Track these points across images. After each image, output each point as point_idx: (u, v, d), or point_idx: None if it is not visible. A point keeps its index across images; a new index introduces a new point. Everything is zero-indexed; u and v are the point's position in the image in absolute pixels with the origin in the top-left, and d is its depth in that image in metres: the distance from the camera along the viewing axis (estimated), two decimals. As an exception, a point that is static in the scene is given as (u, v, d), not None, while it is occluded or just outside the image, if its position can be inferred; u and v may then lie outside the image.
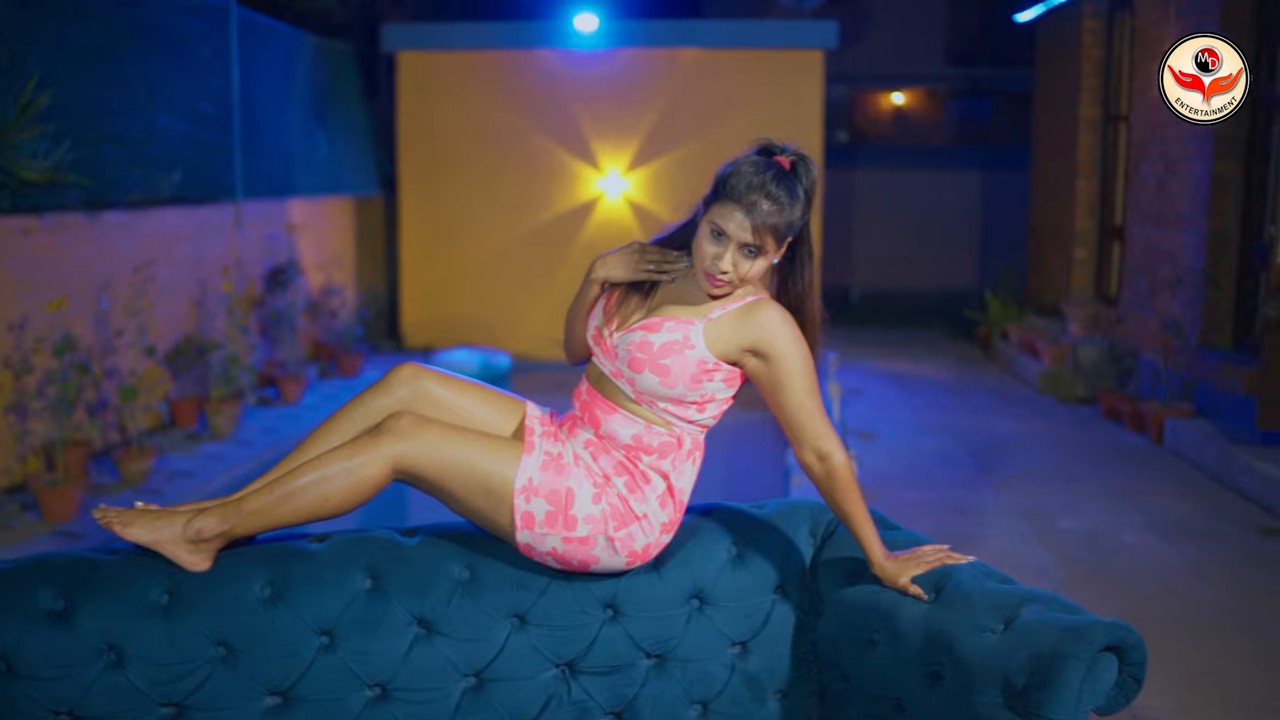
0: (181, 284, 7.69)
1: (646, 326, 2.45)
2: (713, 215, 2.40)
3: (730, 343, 2.43)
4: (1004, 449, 7.40)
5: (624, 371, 2.46)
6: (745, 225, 2.37)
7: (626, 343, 2.45)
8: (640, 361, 2.42)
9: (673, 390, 2.43)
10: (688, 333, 2.43)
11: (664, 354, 2.42)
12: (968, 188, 15.46)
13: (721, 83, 10.72)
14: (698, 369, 2.42)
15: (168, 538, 2.32)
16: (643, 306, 2.51)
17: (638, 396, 2.46)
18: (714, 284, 2.43)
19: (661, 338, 2.43)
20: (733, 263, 2.39)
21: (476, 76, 10.91)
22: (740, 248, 2.39)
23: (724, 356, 2.44)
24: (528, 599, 2.46)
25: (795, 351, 2.41)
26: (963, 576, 2.36)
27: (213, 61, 8.40)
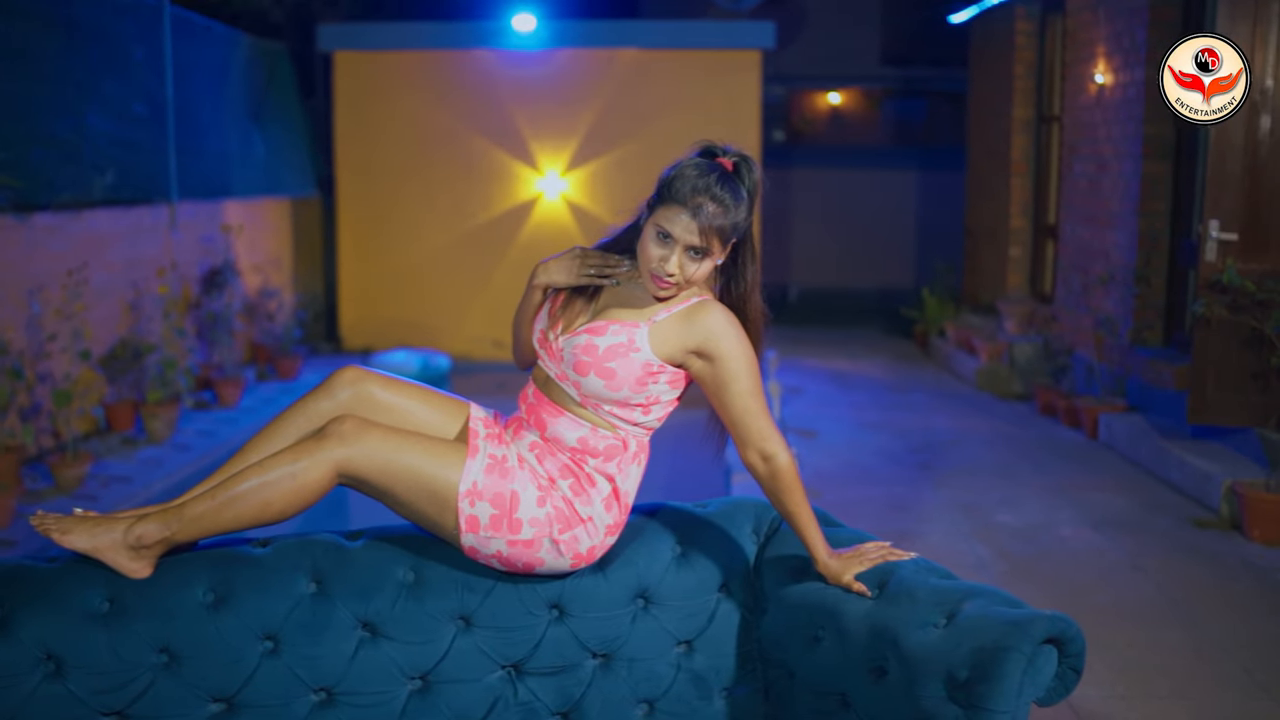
0: (116, 286, 7.58)
1: (591, 330, 2.46)
2: (658, 218, 2.42)
3: (675, 345, 2.44)
4: (942, 445, 7.48)
5: (569, 374, 2.46)
6: (691, 228, 2.39)
7: (572, 346, 2.46)
8: (585, 365, 2.43)
9: (618, 393, 2.44)
10: (633, 335, 2.44)
11: (609, 357, 2.42)
12: (904, 187, 15.62)
13: (659, 83, 10.75)
14: (643, 371, 2.44)
15: (108, 544, 2.29)
16: (587, 310, 2.52)
17: (583, 399, 2.47)
18: (660, 286, 2.44)
19: (606, 340, 2.44)
20: (679, 265, 2.41)
21: (414, 77, 10.86)
22: (686, 250, 2.41)
23: (669, 359, 2.45)
24: (473, 601, 2.46)
25: (739, 353, 2.43)
26: (905, 573, 2.39)
27: (146, 61, 8.28)
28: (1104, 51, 8.20)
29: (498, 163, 10.96)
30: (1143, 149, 7.61)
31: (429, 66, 10.85)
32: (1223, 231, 6.02)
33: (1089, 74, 8.48)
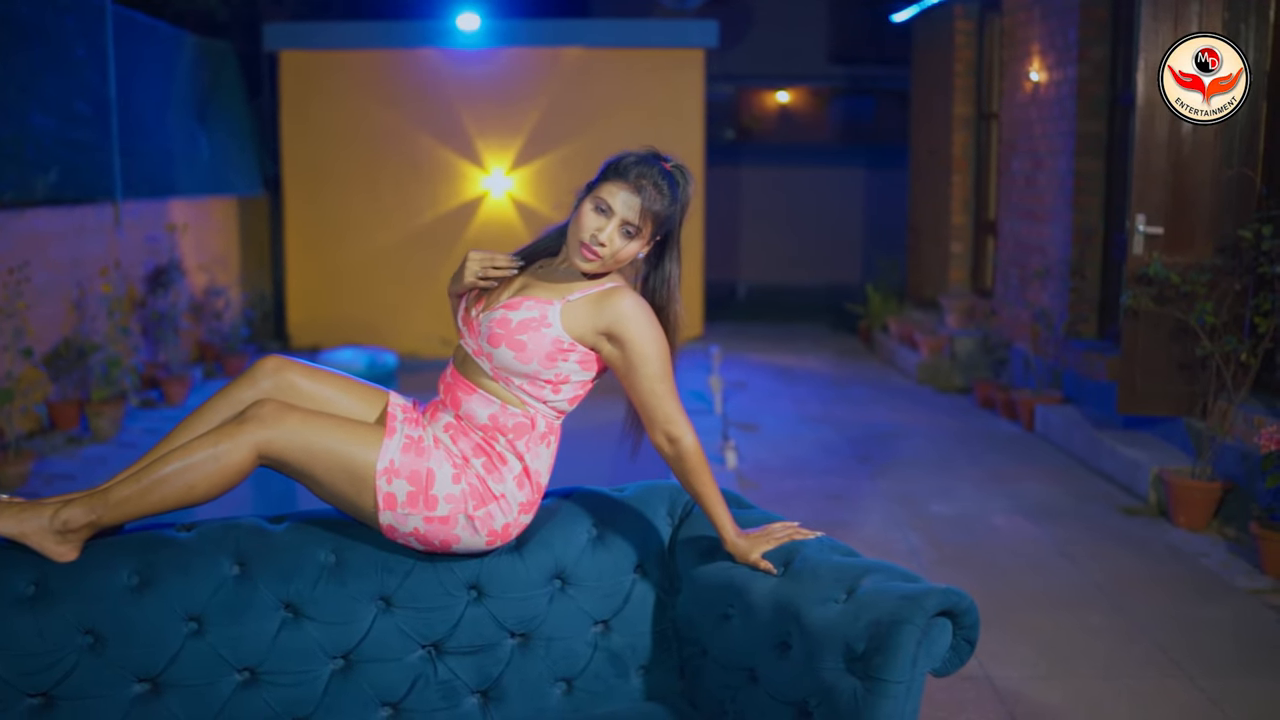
0: (59, 285, 7.57)
1: (508, 305, 2.56)
2: (599, 192, 2.54)
3: (586, 325, 2.53)
4: (882, 438, 7.61)
5: (484, 348, 2.55)
6: (632, 204, 2.51)
7: (489, 320, 2.55)
8: (498, 337, 2.52)
9: (527, 366, 2.52)
10: (545, 312, 2.53)
11: (521, 330, 2.51)
12: (852, 185, 15.78)
13: (604, 81, 10.84)
14: (553, 347, 2.52)
15: (34, 529, 2.35)
16: (509, 288, 2.60)
17: (494, 373, 2.55)
18: (588, 256, 2.53)
19: (520, 315, 2.53)
20: (611, 237, 2.51)
21: (359, 76, 10.88)
22: (622, 225, 2.52)
23: (580, 339, 2.54)
24: (393, 582, 2.53)
25: (648, 337, 2.52)
26: (810, 551, 2.49)
27: (89, 60, 8.27)
28: (1038, 50, 8.37)
29: (444, 161, 11.00)
30: (1075, 145, 7.78)
31: (375, 66, 10.88)
32: (1149, 225, 6.18)
33: (1024, 72, 8.65)
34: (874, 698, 2.18)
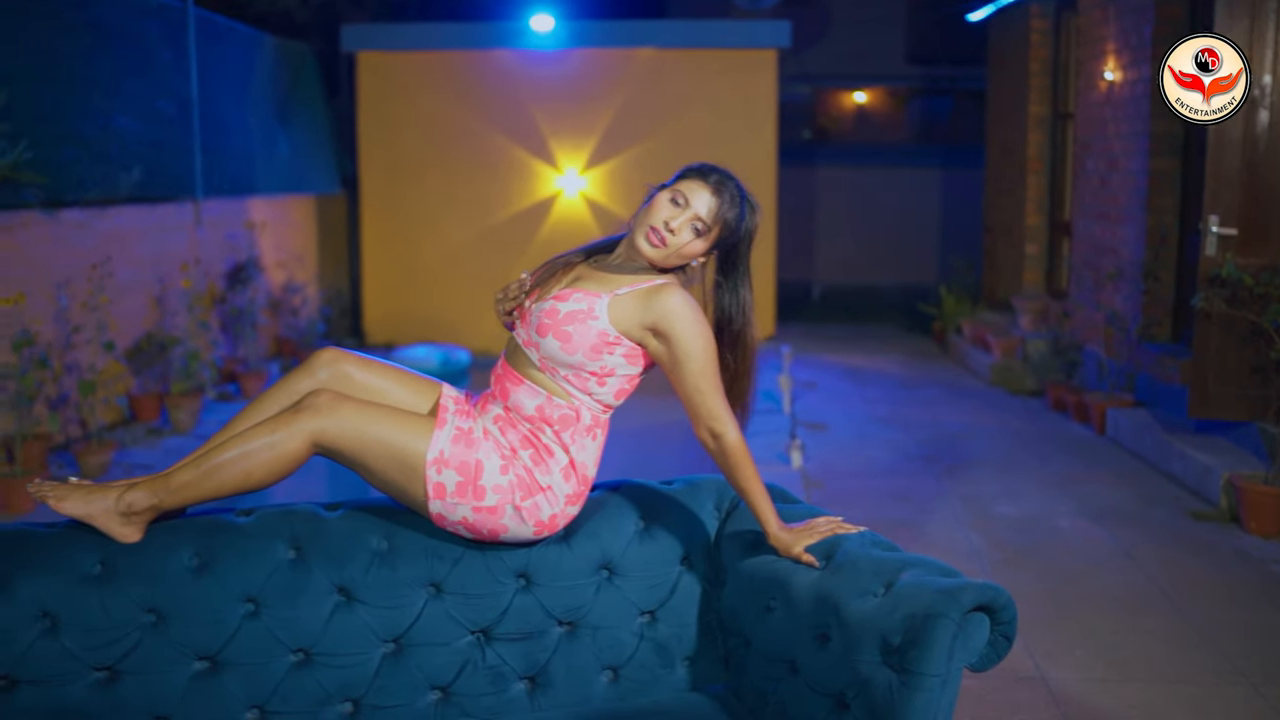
0: (142, 281, 7.78)
1: (558, 296, 2.63)
2: (678, 186, 2.64)
3: (632, 320, 2.58)
4: (950, 439, 7.57)
5: (532, 337, 2.62)
6: (708, 204, 2.62)
7: (539, 310, 2.63)
8: (546, 327, 2.59)
9: (572, 357, 2.58)
10: (593, 304, 2.59)
11: (568, 321, 2.58)
12: (928, 185, 15.67)
13: (677, 82, 10.89)
14: (598, 340, 2.58)
15: (100, 511, 2.45)
16: (563, 280, 2.67)
17: (541, 363, 2.62)
18: (654, 241, 2.60)
19: (568, 306, 2.60)
20: (681, 228, 2.60)
21: (435, 76, 11.04)
22: (693, 220, 2.60)
23: (626, 333, 2.59)
24: (443, 569, 2.60)
25: (694, 333, 2.56)
26: (851, 545, 2.51)
27: (172, 62, 8.49)
28: (1113, 48, 8.27)
29: (517, 161, 11.12)
30: (1150, 146, 7.67)
31: (450, 66, 11.03)
32: (1222, 226, 6.09)
33: (1099, 71, 8.55)
34: (909, 690, 2.20)
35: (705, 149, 10.64)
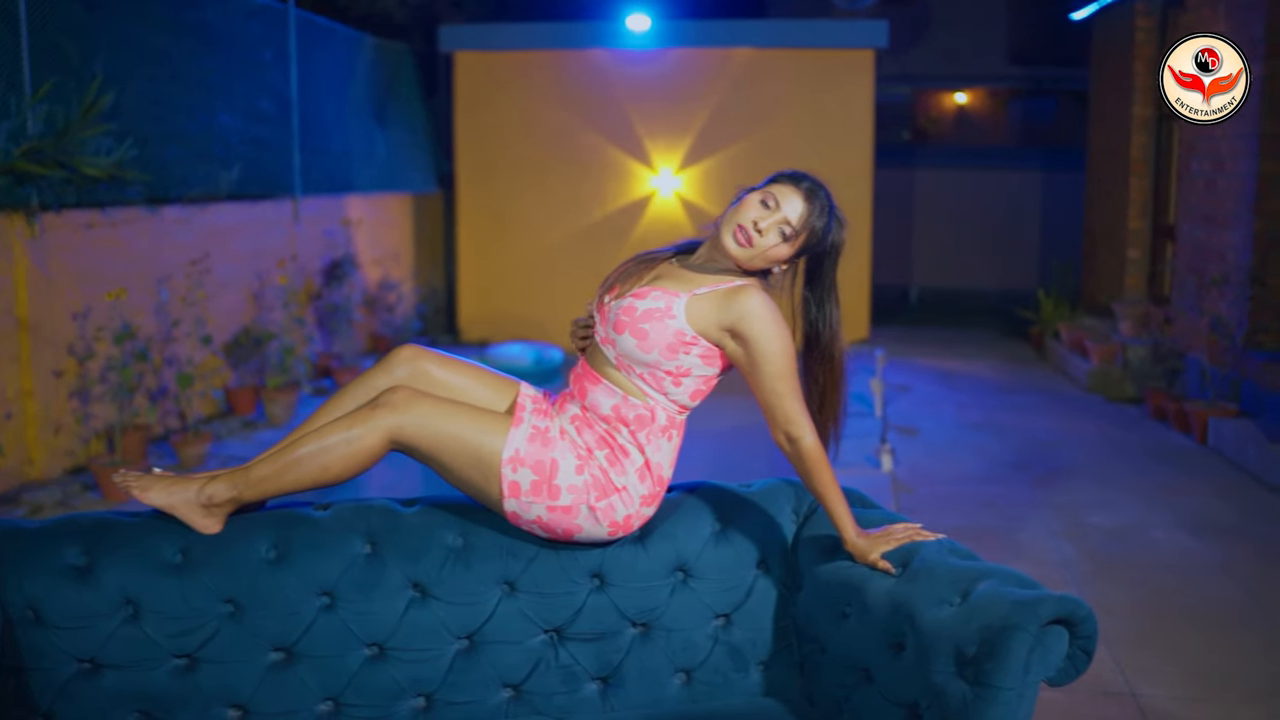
0: (240, 277, 7.95)
1: (637, 294, 2.62)
2: (770, 189, 2.62)
3: (710, 320, 2.57)
4: (1044, 446, 7.42)
5: (609, 334, 2.61)
6: (799, 209, 2.59)
7: (618, 307, 2.62)
8: (623, 324, 2.58)
9: (648, 355, 2.57)
10: (671, 303, 2.58)
11: (645, 319, 2.57)
12: (1029, 187, 15.38)
13: (773, 82, 10.82)
14: (674, 339, 2.56)
15: (182, 501, 2.50)
16: (643, 278, 2.66)
17: (618, 361, 2.61)
18: (740, 240, 2.58)
19: (646, 304, 2.59)
20: (769, 229, 2.58)
21: (531, 76, 11.11)
22: (782, 224, 2.58)
23: (703, 333, 2.57)
24: (517, 567, 2.60)
25: (771, 335, 2.54)
26: (928, 553, 2.47)
27: (274, 62, 8.66)
28: (1223, 48, 8.03)
29: (613, 160, 11.15)
30: (1260, 147, 7.45)
31: (546, 66, 11.09)
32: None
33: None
34: (983, 703, 2.15)
35: (801, 150, 10.58)
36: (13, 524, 2.52)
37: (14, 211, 5.79)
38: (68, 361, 6.15)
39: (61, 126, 5.98)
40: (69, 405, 6.17)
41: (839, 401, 2.69)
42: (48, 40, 6.16)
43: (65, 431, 6.15)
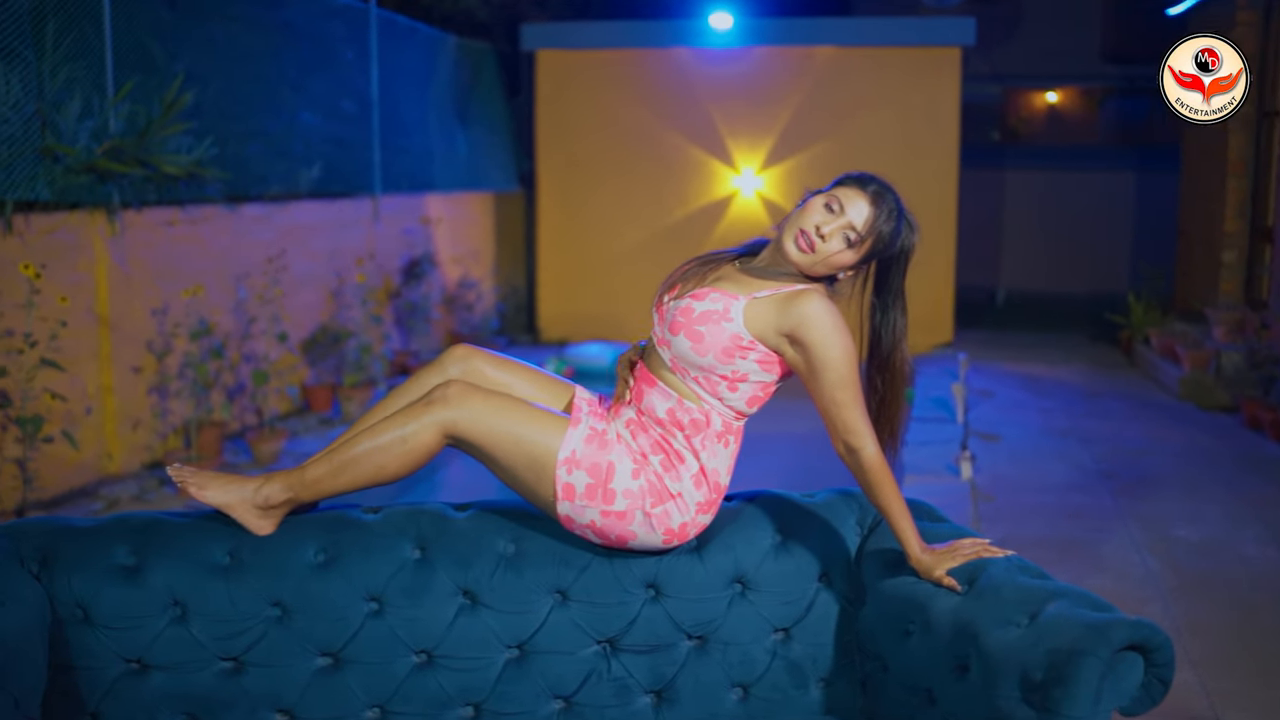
0: (319, 274, 8.00)
1: (695, 295, 2.54)
2: (835, 192, 2.52)
3: (768, 325, 2.48)
4: (1131, 455, 7.20)
5: (666, 336, 2.54)
6: (864, 213, 2.48)
7: (675, 308, 2.54)
8: (679, 325, 2.50)
9: (703, 359, 2.49)
10: (728, 306, 2.49)
11: (701, 321, 2.48)
12: (1121, 188, 15.03)
13: (857, 81, 10.66)
14: (731, 343, 2.48)
15: (238, 501, 2.47)
16: (705, 279, 2.58)
17: (673, 364, 2.53)
18: (803, 246, 2.48)
19: (704, 305, 2.50)
20: (832, 234, 2.47)
21: (613, 74, 11.07)
22: (846, 229, 2.48)
23: (760, 337, 2.48)
24: (569, 576, 2.54)
25: (832, 341, 2.44)
26: (996, 570, 2.35)
27: (355, 61, 8.71)
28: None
29: (694, 159, 11.06)
30: (1364, 148, 7.16)
31: (628, 64, 11.04)
32: None
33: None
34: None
35: (885, 149, 10.41)
36: (63, 522, 2.51)
37: (95, 209, 5.86)
38: (146, 358, 6.22)
39: (143, 125, 6.04)
40: (147, 401, 6.24)
41: (898, 412, 2.60)
42: (131, 40, 6.23)
43: (143, 427, 6.22)
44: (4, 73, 5.27)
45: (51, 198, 5.50)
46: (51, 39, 5.68)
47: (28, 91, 5.41)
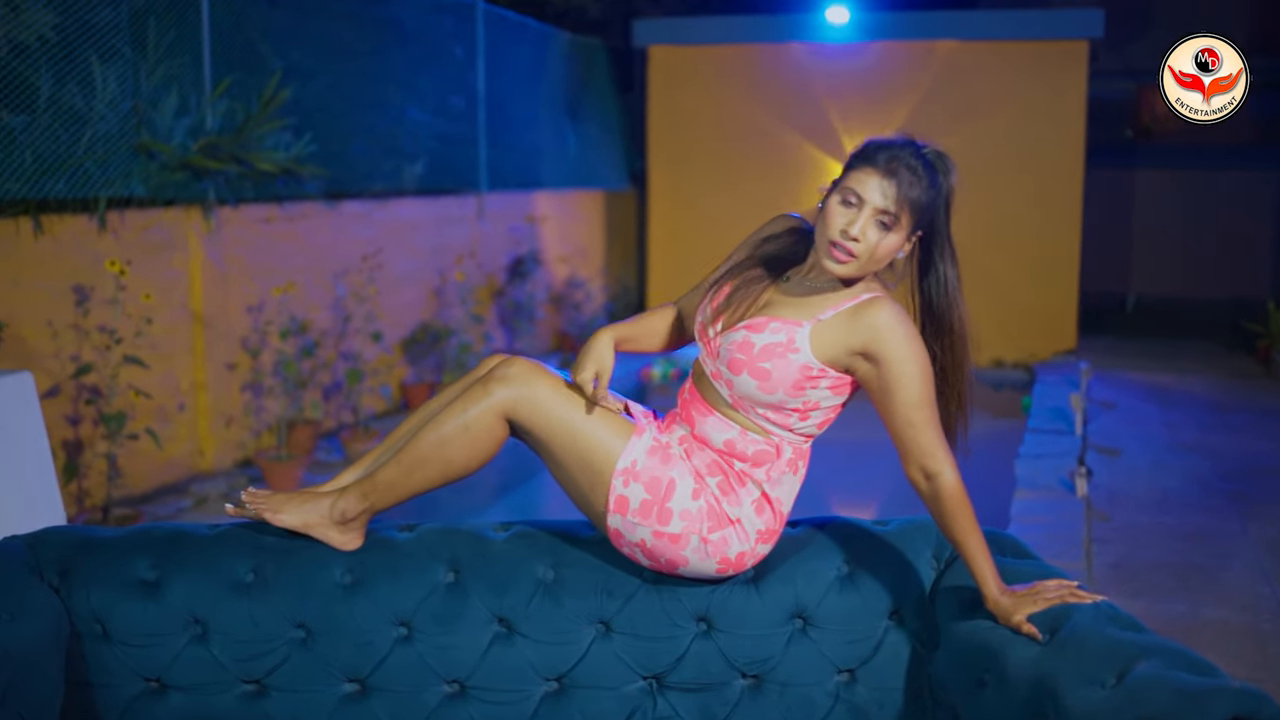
0: (420, 272, 7.94)
1: (750, 326, 2.29)
2: (846, 182, 2.24)
3: (839, 346, 2.24)
4: (1263, 474, 6.75)
5: (723, 372, 2.30)
6: (885, 190, 2.20)
7: (728, 342, 2.29)
8: (739, 363, 2.26)
9: (771, 396, 2.26)
10: (793, 335, 2.25)
11: (765, 356, 2.25)
12: (1265, 188, 14.31)
13: (977, 76, 10.27)
14: (800, 375, 2.25)
15: (317, 520, 2.34)
16: (753, 305, 2.34)
17: (734, 400, 2.30)
18: (840, 258, 2.22)
19: (764, 339, 2.26)
20: (864, 230, 2.20)
21: (726, 71, 10.84)
22: (876, 215, 2.21)
23: (831, 362, 2.25)
24: (613, 605, 2.35)
25: (908, 356, 2.20)
26: (1082, 618, 2.09)
27: (464, 58, 8.64)
28: None
29: (809, 158, 10.79)
30: None
31: (741, 60, 10.81)
32: None
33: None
34: (1137, 811, 1.79)
35: (1006, 147, 10.02)
36: (85, 532, 2.41)
37: (191, 206, 5.85)
38: (240, 355, 6.20)
39: (241, 122, 6.02)
40: (241, 398, 6.22)
41: (963, 382, 2.31)
42: (232, 38, 6.22)
43: (236, 424, 6.20)
44: (102, 71, 5.28)
45: (146, 194, 5.49)
46: (153, 37, 5.69)
47: (124, 89, 5.42)
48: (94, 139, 5.21)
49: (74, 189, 5.12)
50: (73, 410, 5.14)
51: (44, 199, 5.04)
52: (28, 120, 4.95)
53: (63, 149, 5.09)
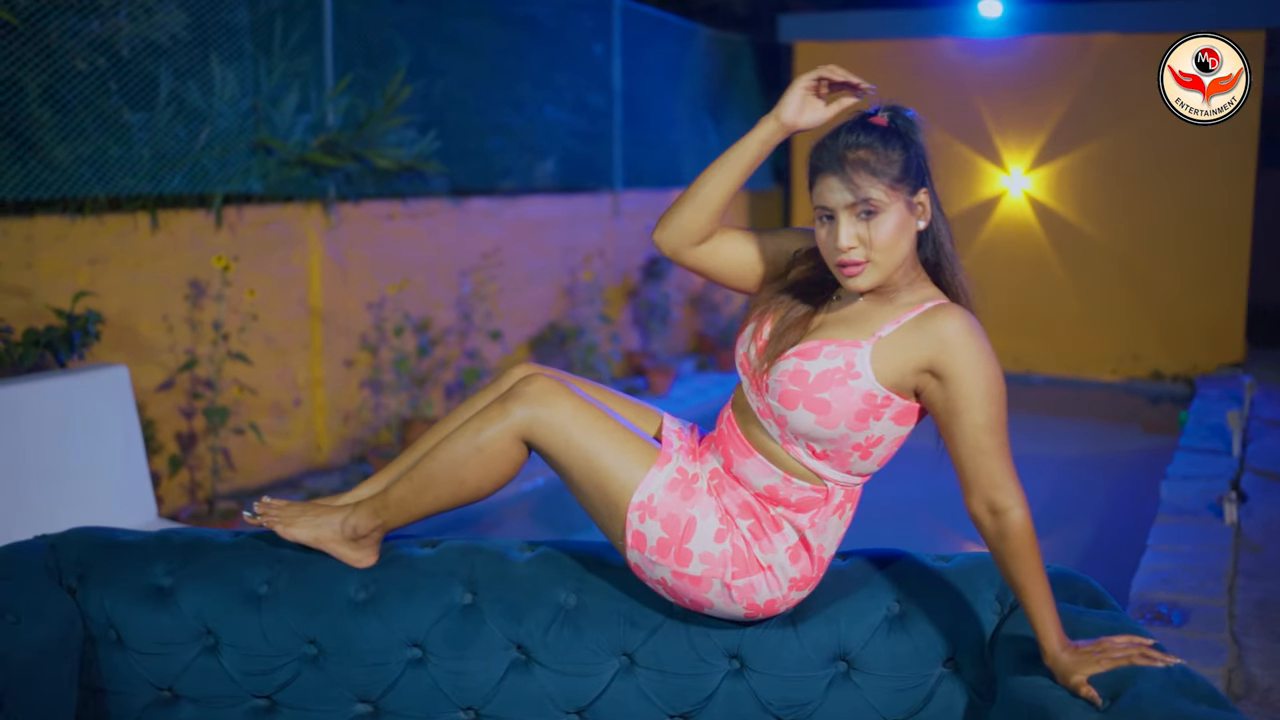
0: (550, 271, 7.87)
1: (802, 352, 2.06)
2: (814, 201, 2.06)
3: (905, 364, 2.01)
4: None
5: (774, 408, 2.07)
6: (839, 185, 2.00)
7: (779, 372, 2.06)
8: (793, 395, 2.03)
9: (833, 430, 2.03)
10: (851, 358, 2.02)
11: (822, 385, 2.02)
12: None
13: (1136, 71, 9.72)
14: (864, 404, 2.02)
15: (329, 536, 2.25)
16: (802, 330, 2.12)
17: (784, 440, 2.08)
18: (850, 273, 2.02)
19: (819, 365, 2.03)
20: (850, 236, 2.00)
21: (873, 66, 10.51)
22: (849, 212, 2.00)
23: (897, 386, 2.02)
24: (637, 638, 2.19)
25: (980, 373, 1.97)
26: (1149, 685, 1.84)
27: (602, 55, 8.55)
28: None
29: (959, 157, 10.39)
30: None
31: (889, 56, 10.48)
32: None
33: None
34: None
35: (1169, 146, 9.47)
36: (107, 535, 2.36)
37: (310, 202, 5.88)
38: (359, 351, 6.22)
39: (363, 118, 6.03)
40: (359, 395, 6.24)
41: None
42: (355, 35, 6.23)
43: (354, 420, 6.22)
44: (222, 69, 5.33)
45: (263, 191, 5.53)
46: (280, 36, 5.73)
47: (244, 87, 5.46)
48: (212, 136, 5.26)
49: (191, 185, 5.18)
50: (186, 403, 5.20)
51: (161, 195, 5.11)
52: (147, 117, 5.02)
53: (181, 146, 5.16)
